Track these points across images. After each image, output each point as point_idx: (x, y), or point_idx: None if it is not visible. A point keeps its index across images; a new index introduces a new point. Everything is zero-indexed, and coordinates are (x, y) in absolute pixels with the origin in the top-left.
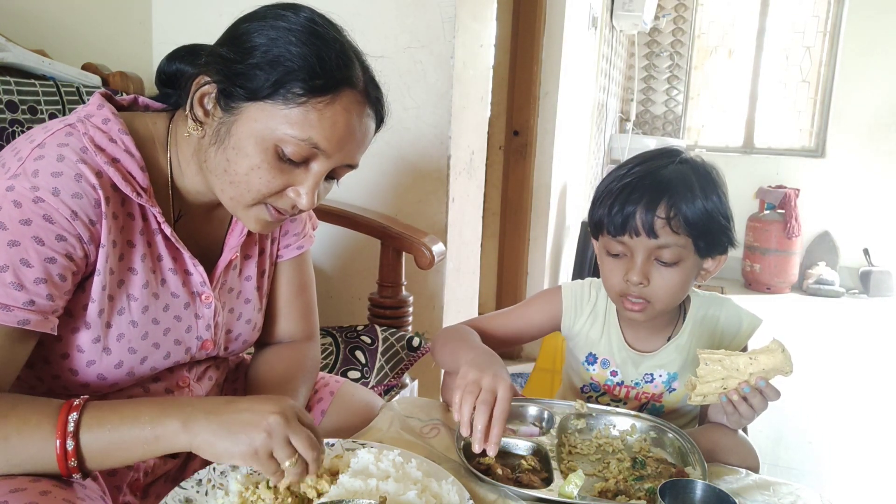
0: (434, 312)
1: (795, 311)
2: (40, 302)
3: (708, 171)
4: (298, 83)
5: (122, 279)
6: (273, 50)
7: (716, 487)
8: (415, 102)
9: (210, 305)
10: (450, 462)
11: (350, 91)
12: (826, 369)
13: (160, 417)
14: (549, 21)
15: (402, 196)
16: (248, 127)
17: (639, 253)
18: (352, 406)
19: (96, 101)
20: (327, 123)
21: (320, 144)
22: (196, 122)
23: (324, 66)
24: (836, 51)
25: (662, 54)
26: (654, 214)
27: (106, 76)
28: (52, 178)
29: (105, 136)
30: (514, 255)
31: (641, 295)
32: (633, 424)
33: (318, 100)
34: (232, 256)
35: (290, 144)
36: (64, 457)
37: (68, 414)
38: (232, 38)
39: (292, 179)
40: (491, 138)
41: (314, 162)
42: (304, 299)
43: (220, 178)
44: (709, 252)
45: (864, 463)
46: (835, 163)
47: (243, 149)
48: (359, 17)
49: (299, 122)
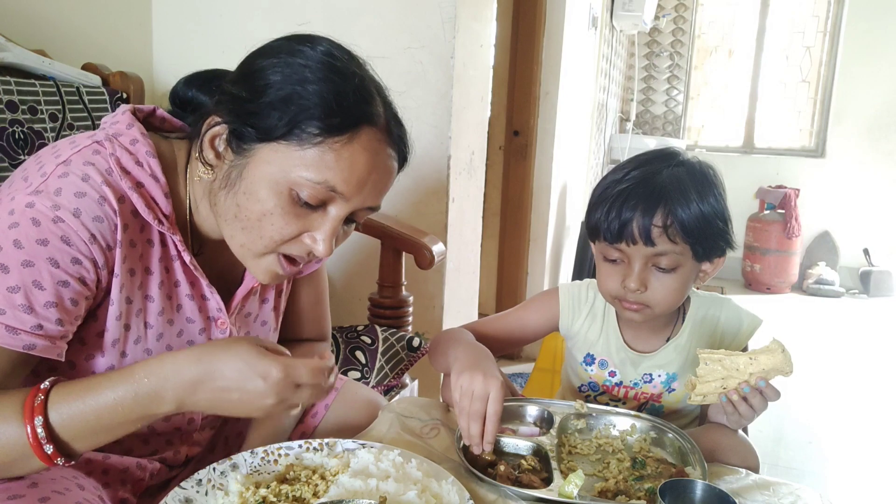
0: (434, 312)
1: (795, 311)
2: (49, 327)
3: (704, 174)
4: (314, 122)
5: (140, 308)
6: (287, 88)
7: (716, 487)
8: (415, 102)
9: (225, 331)
10: (450, 462)
11: (370, 129)
12: (826, 369)
13: (129, 376)
14: (549, 21)
15: (402, 196)
16: (260, 170)
17: (636, 260)
18: (356, 403)
19: (126, 119)
20: (345, 164)
21: (338, 187)
22: (206, 165)
23: (341, 103)
24: (836, 51)
25: (662, 54)
26: (651, 223)
27: (106, 76)
28: (76, 199)
29: (132, 158)
30: (514, 255)
31: (639, 300)
32: (633, 424)
33: (335, 139)
34: (254, 284)
35: (305, 188)
36: (36, 440)
37: (35, 396)
38: (245, 75)
39: (308, 225)
40: (491, 138)
41: (332, 205)
42: (320, 308)
43: (231, 225)
44: (707, 256)
45: (865, 463)
46: (835, 163)
47: (255, 193)
48: (359, 17)
49: (315, 163)
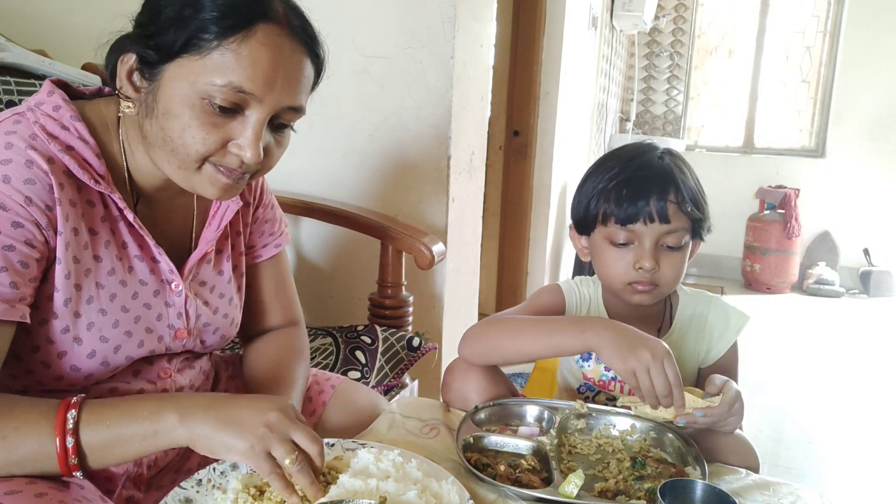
0: (434, 312)
1: (795, 311)
2: (2, 290)
3: (685, 161)
4: (209, 27)
5: (89, 267)
6: (179, 1)
7: (716, 487)
8: (415, 102)
9: (180, 294)
10: (450, 462)
11: (266, 24)
12: (826, 369)
13: (158, 411)
14: (549, 21)
15: (402, 196)
16: (171, 88)
17: (647, 239)
18: (355, 404)
19: (46, 87)
20: (246, 62)
21: (245, 86)
22: (127, 99)
23: (232, 3)
24: (836, 51)
25: (662, 54)
26: (667, 200)
27: (106, 76)
28: (2, 166)
29: (56, 123)
30: (514, 255)
31: (652, 280)
32: (633, 424)
33: (230, 40)
34: (208, 249)
35: (215, 94)
36: (64, 455)
37: (67, 411)
38: (145, 3)
39: (230, 133)
40: (491, 138)
41: (248, 110)
42: (286, 293)
43: (162, 150)
44: (699, 233)
45: (865, 463)
46: (835, 163)
47: (172, 110)
48: (359, 17)
49: (218, 67)
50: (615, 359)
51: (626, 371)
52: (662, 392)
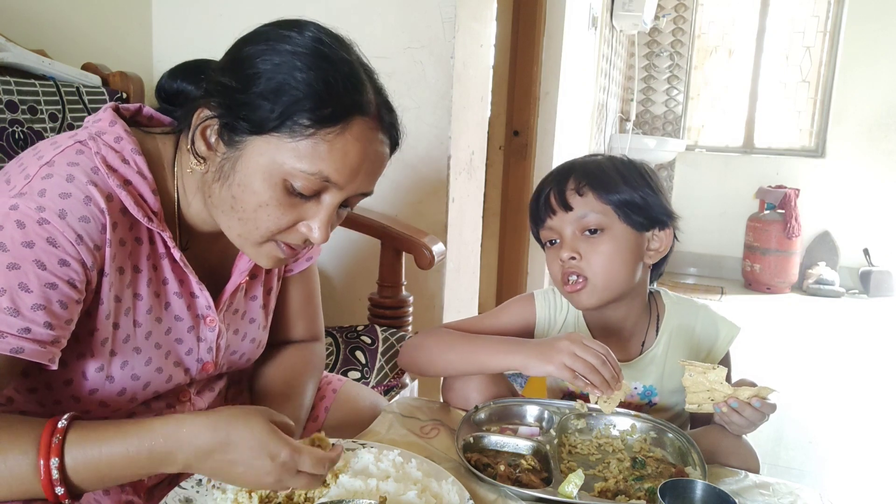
0: (434, 312)
1: (795, 311)
2: (37, 330)
3: (624, 158)
4: (305, 114)
5: (129, 306)
6: (277, 77)
7: (716, 487)
8: (415, 102)
9: (214, 329)
10: (450, 462)
11: (361, 118)
12: (826, 369)
13: (148, 433)
14: (549, 21)
15: (402, 196)
16: (254, 162)
17: (566, 230)
18: (356, 405)
19: (108, 116)
20: (338, 155)
21: (331, 177)
22: (198, 157)
23: (332, 92)
24: (836, 51)
25: (662, 54)
26: (564, 187)
27: (106, 76)
28: (60, 200)
29: (118, 156)
30: (514, 255)
31: (577, 271)
32: (633, 424)
33: (327, 131)
34: (242, 280)
35: (299, 179)
36: (49, 480)
37: (52, 434)
38: (233, 63)
39: (303, 214)
40: (491, 138)
41: (326, 194)
42: (312, 307)
43: (227, 216)
44: (639, 224)
45: (865, 463)
46: (835, 163)
47: (250, 185)
48: (359, 17)
49: (308, 155)
50: (540, 364)
51: (556, 368)
52: (598, 362)
